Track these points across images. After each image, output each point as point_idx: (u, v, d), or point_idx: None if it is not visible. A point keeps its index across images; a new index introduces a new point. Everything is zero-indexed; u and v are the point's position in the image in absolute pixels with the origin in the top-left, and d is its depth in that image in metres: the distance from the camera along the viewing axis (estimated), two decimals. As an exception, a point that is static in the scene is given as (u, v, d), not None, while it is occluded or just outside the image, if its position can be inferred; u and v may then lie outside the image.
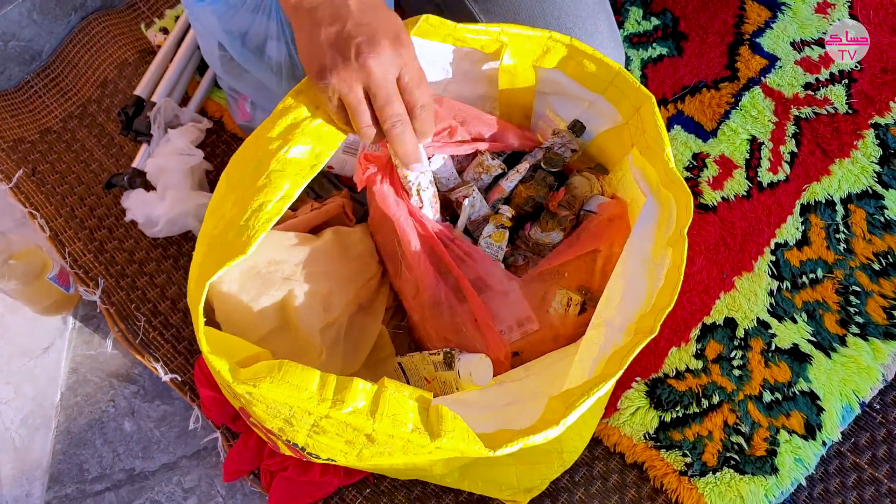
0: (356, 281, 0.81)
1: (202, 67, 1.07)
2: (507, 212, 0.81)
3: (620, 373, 0.60)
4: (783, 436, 0.84)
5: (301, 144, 0.66)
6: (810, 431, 0.84)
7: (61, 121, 1.07)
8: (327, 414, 0.53)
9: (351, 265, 0.82)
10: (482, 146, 0.82)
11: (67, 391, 0.93)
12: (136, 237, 0.99)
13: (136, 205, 0.95)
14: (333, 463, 0.63)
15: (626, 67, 1.06)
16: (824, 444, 0.84)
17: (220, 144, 1.04)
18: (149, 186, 0.96)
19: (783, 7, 1.11)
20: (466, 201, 0.80)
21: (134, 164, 0.98)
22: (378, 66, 0.60)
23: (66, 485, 0.88)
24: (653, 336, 0.62)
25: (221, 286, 0.71)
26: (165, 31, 1.09)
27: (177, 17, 1.10)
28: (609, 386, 0.61)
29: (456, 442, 0.54)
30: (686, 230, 0.67)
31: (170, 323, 0.94)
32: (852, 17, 1.10)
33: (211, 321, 0.74)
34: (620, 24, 1.10)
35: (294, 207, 0.88)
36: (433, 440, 0.54)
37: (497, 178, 0.85)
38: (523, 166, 0.84)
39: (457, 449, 0.55)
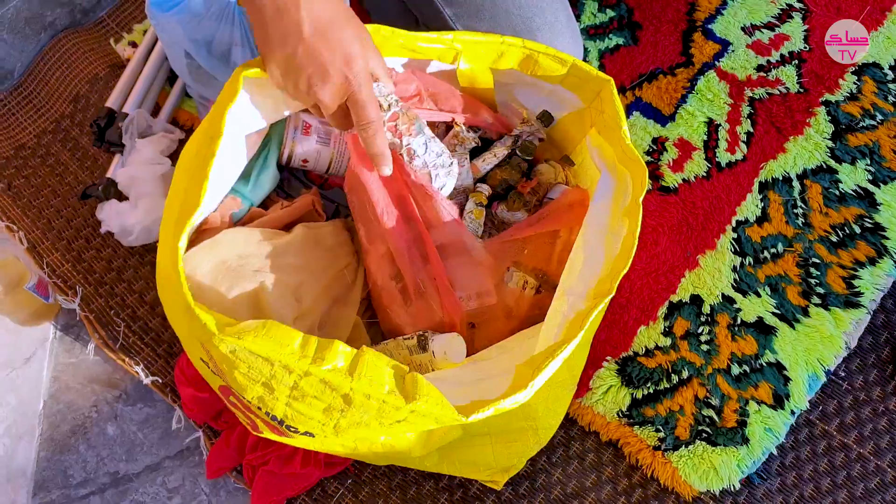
0: (327, 272, 0.81)
1: (172, 78, 1.07)
2: (486, 190, 0.82)
3: (582, 333, 0.61)
4: (752, 407, 0.85)
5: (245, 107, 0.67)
6: (778, 401, 0.85)
7: (35, 136, 1.07)
8: (307, 370, 0.54)
9: (322, 257, 0.81)
10: (459, 118, 0.83)
11: (50, 399, 0.93)
12: (113, 246, 0.98)
13: (111, 215, 0.94)
14: (311, 438, 0.63)
15: (584, 58, 1.07)
16: (793, 413, 0.85)
17: (192, 152, 1.04)
18: (122, 196, 0.96)
19: (734, -5, 1.13)
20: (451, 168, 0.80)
21: (108, 175, 0.98)
22: (330, 99, 0.61)
23: (50, 491, 0.87)
24: (610, 296, 0.63)
25: (194, 278, 0.71)
26: (134, 44, 1.09)
27: (145, 31, 1.10)
28: (572, 347, 0.61)
29: (430, 406, 0.54)
30: (641, 200, 0.68)
31: (149, 327, 0.94)
32: (799, 0, 1.12)
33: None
34: (577, 17, 1.11)
35: (264, 206, 0.88)
36: (408, 402, 0.54)
37: (472, 156, 0.86)
38: (501, 151, 0.85)
39: (431, 414, 0.55)
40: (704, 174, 0.99)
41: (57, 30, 1.13)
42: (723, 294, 0.91)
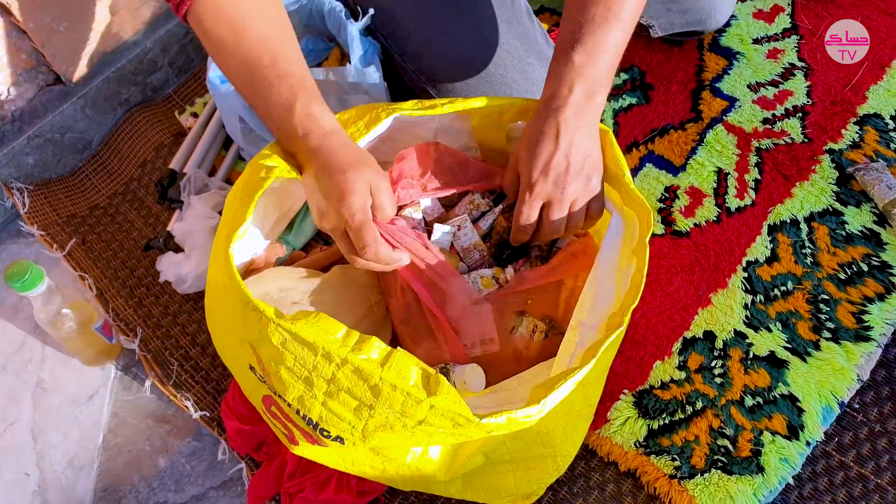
0: (359, 308, 0.87)
1: (228, 143, 1.17)
2: (508, 274, 0.85)
3: (595, 360, 0.64)
4: (766, 437, 0.85)
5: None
6: (793, 432, 0.85)
7: (107, 198, 1.17)
8: (345, 358, 0.59)
9: (355, 294, 0.87)
10: (473, 189, 0.89)
11: (109, 433, 0.99)
12: (170, 293, 1.06)
13: (168, 266, 1.02)
14: (341, 446, 0.67)
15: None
16: (808, 443, 0.85)
17: (243, 208, 1.12)
18: (178, 248, 1.04)
19: (738, 56, 1.19)
20: (460, 231, 0.86)
21: (168, 229, 1.07)
22: (330, 230, 0.73)
23: (106, 518, 0.92)
24: (622, 328, 0.66)
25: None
26: (195, 115, 1.20)
27: (205, 104, 1.22)
28: (584, 372, 0.64)
29: (448, 403, 0.58)
30: (647, 239, 0.72)
31: (200, 366, 1.00)
32: (800, 59, 1.17)
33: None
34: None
35: (305, 251, 0.95)
36: (429, 396, 0.58)
37: (479, 217, 0.92)
38: (498, 208, 0.90)
39: (449, 412, 0.59)
40: (715, 219, 1.03)
41: (131, 105, 1.25)
42: (735, 330, 0.93)
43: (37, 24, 1.05)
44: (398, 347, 0.62)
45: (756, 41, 1.20)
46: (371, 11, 0.97)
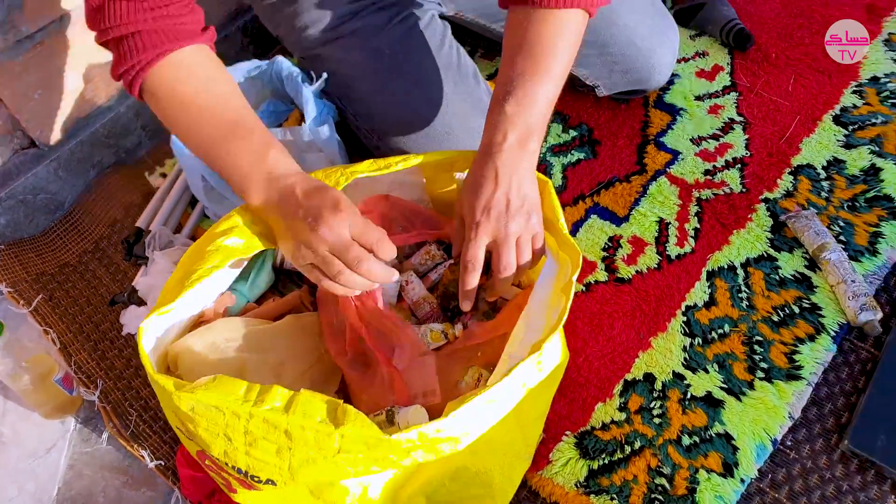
0: (309, 356, 0.89)
1: (194, 202, 1.22)
2: (458, 330, 0.88)
3: (504, 379, 0.66)
4: (702, 475, 0.87)
5: (237, 237, 0.78)
6: (728, 470, 0.87)
7: (77, 256, 1.21)
8: (251, 412, 0.61)
9: (305, 342, 0.90)
10: (429, 237, 0.94)
11: (64, 486, 1.00)
12: (133, 346, 1.09)
13: (131, 319, 1.06)
14: (274, 488, 0.69)
15: (548, 173, 1.19)
16: (742, 481, 0.87)
17: (206, 263, 1.17)
18: (142, 302, 1.08)
19: (681, 111, 1.25)
20: (408, 286, 0.90)
21: (133, 284, 1.11)
22: (328, 231, 0.73)
23: (57, 568, 0.93)
24: (538, 353, 0.69)
25: (189, 358, 0.80)
26: (165, 175, 1.25)
27: (174, 165, 1.27)
28: (498, 389, 0.66)
29: (357, 428, 0.61)
30: (575, 278, 0.76)
31: (158, 416, 1.02)
32: (739, 114, 1.23)
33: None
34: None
35: (258, 302, 0.98)
36: (337, 427, 0.61)
37: (433, 268, 0.95)
38: (449, 262, 0.94)
39: (360, 437, 0.61)
40: (656, 266, 1.07)
41: (104, 167, 1.31)
42: (674, 371, 0.96)
43: (12, 93, 1.12)
44: (302, 389, 0.65)
45: (698, 98, 1.27)
46: (324, 76, 1.04)
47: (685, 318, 1.01)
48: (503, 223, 0.78)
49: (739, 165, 1.17)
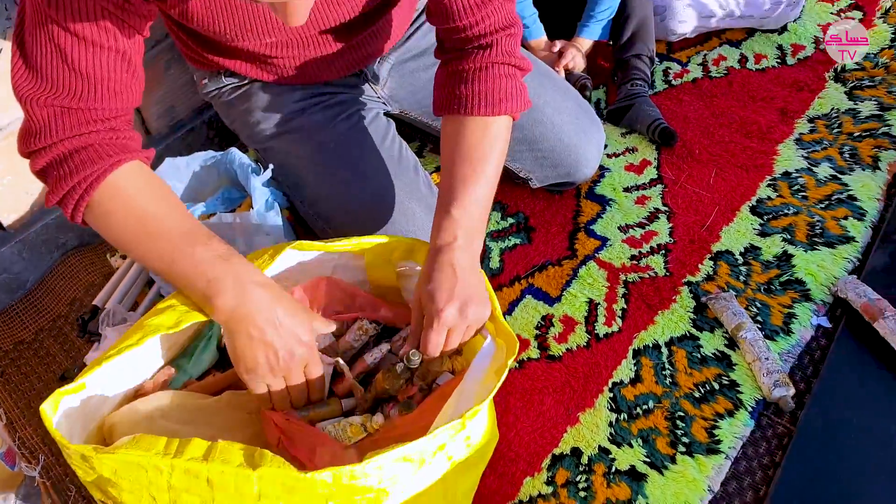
0: (244, 431, 0.91)
1: (151, 282, 1.26)
2: (376, 422, 0.89)
3: (423, 439, 0.70)
4: (624, 547, 0.89)
5: (165, 316, 0.83)
6: (649, 541, 0.90)
7: (33, 333, 1.24)
8: (172, 464, 0.64)
9: (241, 418, 0.92)
10: (361, 315, 0.98)
11: (1, 563, 0.99)
12: (80, 422, 1.10)
13: (81, 392, 1.08)
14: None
15: (487, 256, 1.26)
16: (663, 552, 0.89)
17: (158, 340, 1.20)
18: (93, 376, 1.10)
19: (611, 202, 1.34)
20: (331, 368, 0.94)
21: (84, 359, 1.13)
22: (296, 367, 0.84)
23: None
24: (462, 423, 0.72)
25: (121, 430, 0.82)
26: (125, 257, 1.30)
27: (135, 247, 1.32)
28: (413, 447, 0.69)
29: (274, 469, 0.64)
30: (510, 362, 0.80)
31: (99, 493, 1.02)
32: (664, 204, 1.32)
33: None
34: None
35: (199, 378, 1.01)
36: (255, 469, 0.64)
37: (362, 350, 0.99)
38: (385, 347, 0.97)
39: (276, 478, 0.64)
40: (585, 344, 1.12)
41: (67, 248, 1.35)
42: (600, 446, 0.99)
43: (-19, 178, 1.18)
44: (219, 440, 0.68)
45: (627, 189, 1.36)
46: (271, 167, 1.11)
47: (612, 395, 1.05)
48: (464, 313, 0.84)
49: (664, 251, 1.25)
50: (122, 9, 0.76)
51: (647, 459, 0.98)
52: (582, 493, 0.95)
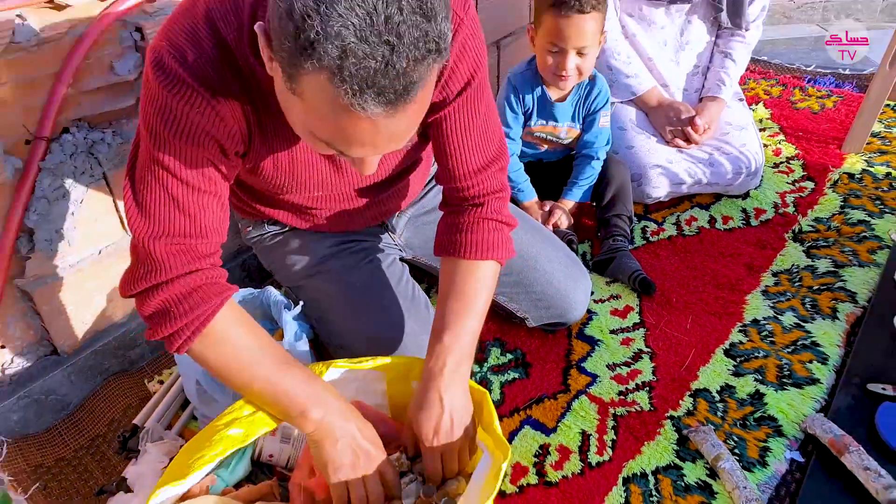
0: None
1: (185, 405, 1.38)
2: None
3: None
4: None
5: (236, 428, 0.96)
6: None
7: (73, 451, 1.34)
8: None
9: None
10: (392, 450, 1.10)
11: None
12: (112, 534, 1.18)
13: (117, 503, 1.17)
14: None
15: (488, 388, 1.38)
16: None
17: (189, 460, 1.30)
18: (129, 490, 1.19)
19: (599, 342, 1.49)
20: None
21: (122, 474, 1.23)
22: (373, 467, 0.99)
23: None
24: None
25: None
26: (162, 382, 1.42)
27: (171, 373, 1.45)
28: None
29: None
30: (504, 466, 0.92)
31: None
32: (647, 346, 1.47)
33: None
34: (484, 360, 1.45)
35: (235, 487, 1.11)
36: None
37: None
38: (415, 487, 1.08)
39: None
40: (579, 472, 1.22)
41: (109, 374, 1.48)
42: (592, 566, 1.07)
43: (50, 308, 1.33)
44: None
45: (613, 332, 1.51)
46: (302, 302, 1.27)
47: (603, 518, 1.14)
48: (450, 440, 1.00)
49: (648, 388, 1.37)
50: (221, 161, 0.95)
51: (637, 579, 1.05)
52: None
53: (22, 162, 1.20)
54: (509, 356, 1.47)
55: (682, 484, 1.19)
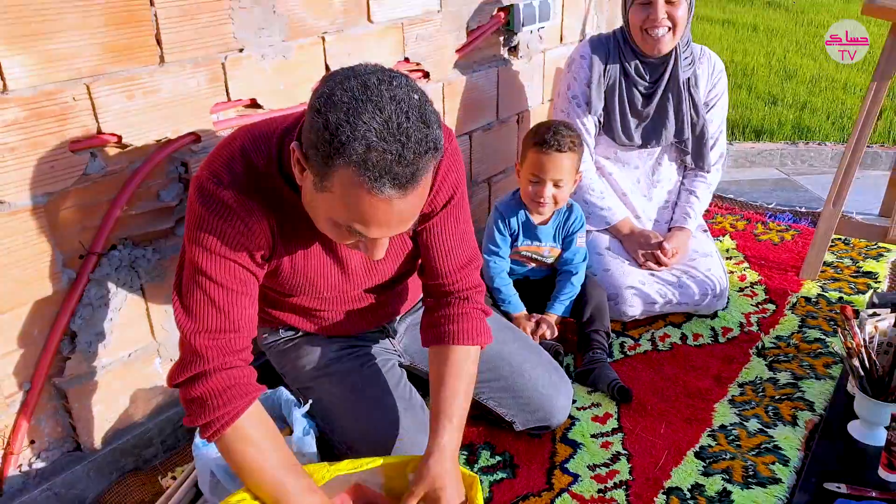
0: None
1: (196, 497, 1.46)
2: None
3: None
4: None
5: None
6: None
7: (86, 543, 1.41)
8: None
9: None
10: None
11: None
12: None
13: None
14: None
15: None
16: None
17: (195, 552, 1.36)
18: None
19: (580, 445, 1.59)
20: None
21: (132, 565, 1.29)
22: None
23: None
24: None
25: None
26: (174, 478, 1.51)
27: (182, 471, 1.54)
28: None
29: None
30: None
31: None
32: (625, 449, 1.57)
33: None
34: (475, 462, 1.55)
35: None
36: None
37: None
38: None
39: None
40: (560, 563, 1.29)
41: (124, 471, 1.57)
42: None
43: (80, 406, 1.45)
44: None
45: (593, 436, 1.62)
46: (310, 401, 1.40)
47: None
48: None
49: (625, 486, 1.47)
50: (250, 265, 1.14)
51: None
52: None
53: (75, 273, 1.38)
54: (498, 458, 1.57)
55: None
